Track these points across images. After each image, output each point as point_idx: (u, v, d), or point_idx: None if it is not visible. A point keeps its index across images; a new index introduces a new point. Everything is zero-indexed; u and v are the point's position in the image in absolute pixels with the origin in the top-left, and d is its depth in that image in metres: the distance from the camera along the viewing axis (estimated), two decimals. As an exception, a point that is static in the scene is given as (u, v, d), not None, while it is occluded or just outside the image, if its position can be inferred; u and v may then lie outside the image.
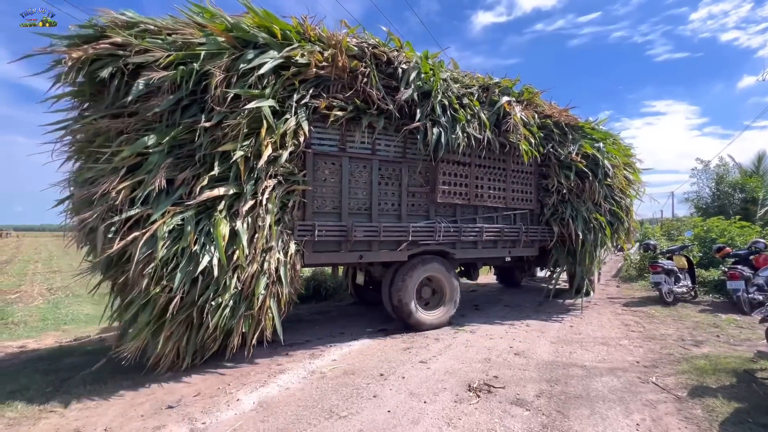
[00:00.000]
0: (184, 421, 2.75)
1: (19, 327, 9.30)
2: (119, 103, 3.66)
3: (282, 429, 2.64)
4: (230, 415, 2.86)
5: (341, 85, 4.46)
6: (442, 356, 4.15)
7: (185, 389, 3.34)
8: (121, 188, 3.36)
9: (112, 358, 4.39)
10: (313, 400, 3.08)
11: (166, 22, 3.88)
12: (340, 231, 4.60)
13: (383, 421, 2.72)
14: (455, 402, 3.03)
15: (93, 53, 3.50)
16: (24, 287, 14.13)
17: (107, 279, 3.80)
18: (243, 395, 3.19)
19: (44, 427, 2.67)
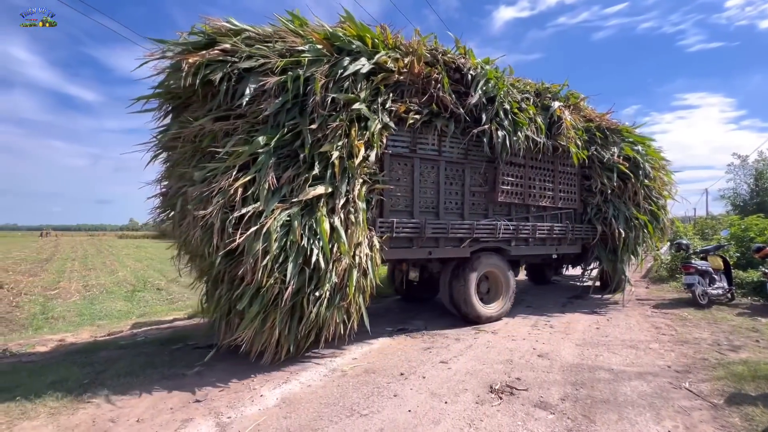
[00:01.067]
0: (211, 415, 2.84)
1: (58, 321, 9.84)
2: (226, 106, 3.93)
3: (304, 425, 2.68)
4: (254, 410, 2.93)
5: (414, 90, 4.80)
6: (463, 357, 4.11)
7: (212, 384, 3.44)
8: (237, 186, 3.58)
9: (142, 351, 4.59)
10: (334, 398, 3.12)
11: (266, 30, 4.19)
12: (414, 228, 4.90)
13: (404, 421, 2.73)
14: (477, 403, 3.00)
15: (206, 59, 3.78)
16: (62, 284, 14.93)
17: (211, 272, 3.97)
18: (266, 391, 3.26)
19: (82, 417, 2.82)
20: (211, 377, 3.61)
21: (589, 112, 6.91)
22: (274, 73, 3.85)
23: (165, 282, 15.24)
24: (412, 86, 4.76)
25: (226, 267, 3.70)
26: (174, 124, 4.21)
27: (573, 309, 6.64)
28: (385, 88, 4.50)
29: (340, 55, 4.26)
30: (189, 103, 4.31)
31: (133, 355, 4.38)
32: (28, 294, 13.01)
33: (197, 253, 4.06)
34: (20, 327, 9.30)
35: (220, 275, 3.87)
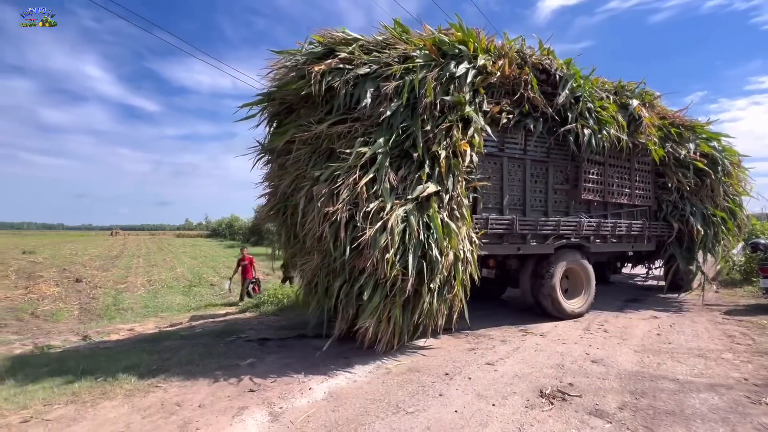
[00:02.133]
0: (264, 405, 2.99)
1: (127, 312, 10.82)
2: (342, 110, 4.29)
3: (351, 419, 2.75)
4: (304, 402, 3.04)
5: (504, 91, 4.99)
6: (510, 359, 3.99)
7: (264, 376, 3.61)
8: (362, 184, 3.86)
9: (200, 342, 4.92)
10: (379, 394, 3.16)
11: (375, 39, 4.62)
12: (506, 225, 5.11)
13: (450, 421, 2.70)
14: (526, 407, 2.90)
15: (329, 67, 4.17)
16: (130, 278, 16.37)
17: (330, 266, 4.20)
18: (314, 384, 3.38)
19: (152, 400, 3.08)
20: (263, 369, 3.80)
21: (662, 110, 6.93)
22: (390, 79, 4.18)
23: (218, 278, 16.21)
24: (502, 88, 4.95)
25: (346, 260, 3.91)
26: (290, 127, 4.61)
27: (630, 312, 6.22)
28: (482, 90, 4.74)
29: (444, 59, 4.55)
30: (293, 109, 4.79)
31: (192, 345, 4.71)
32: (102, 287, 14.42)
33: (314, 248, 4.29)
34: (97, 316, 10.34)
35: (339, 269, 4.09)
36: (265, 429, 2.63)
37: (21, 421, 2.70)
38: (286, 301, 7.81)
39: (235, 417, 2.78)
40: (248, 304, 8.85)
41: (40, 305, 11.13)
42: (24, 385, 3.36)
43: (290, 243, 4.94)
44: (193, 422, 2.70)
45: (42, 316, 10.11)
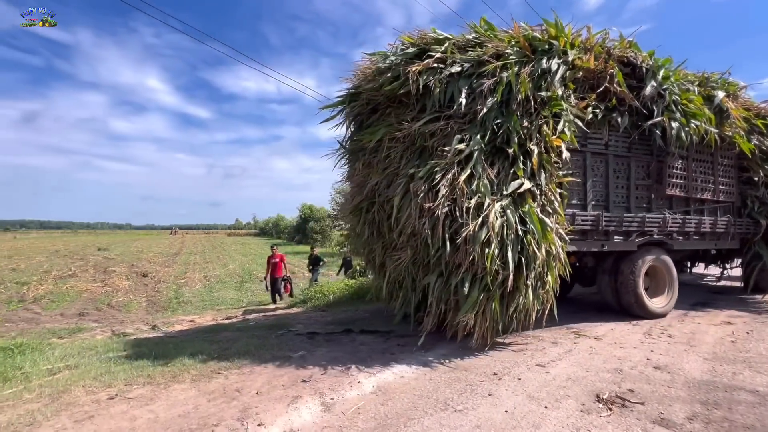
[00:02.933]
0: (316, 395, 3.12)
1: (187, 305, 11.69)
2: (435, 109, 4.43)
3: (400, 413, 2.79)
4: (353, 394, 3.14)
5: (588, 86, 4.99)
6: (562, 362, 3.84)
7: (314, 368, 3.77)
8: (461, 180, 3.98)
9: (254, 334, 5.21)
10: (427, 391, 3.18)
11: (466, 38, 4.75)
12: (592, 221, 5.11)
13: (501, 420, 2.66)
14: (582, 412, 2.78)
15: (425, 67, 4.35)
16: (188, 274, 17.64)
17: (425, 261, 4.35)
18: (363, 378, 3.46)
19: (215, 385, 3.33)
20: (313, 362, 3.96)
21: (747, 101, 6.66)
22: (485, 76, 4.28)
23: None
24: (586, 82, 4.95)
25: (444, 255, 4.00)
26: (381, 127, 4.80)
27: (699, 316, 5.71)
28: (572, 86, 4.77)
29: (535, 55, 4.62)
30: (377, 109, 5.06)
31: (247, 337, 5.01)
32: (165, 281, 15.68)
33: (406, 244, 4.46)
34: (161, 308, 11.28)
35: (433, 264, 4.23)
36: (318, 418, 2.75)
37: (108, 398, 3.04)
38: (332, 297, 8.05)
39: (290, 405, 2.93)
40: (296, 300, 9.23)
41: (114, 297, 12.35)
42: (108, 366, 3.77)
43: (374, 239, 5.12)
44: (252, 407, 2.88)
45: (116, 306, 11.23)
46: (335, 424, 2.65)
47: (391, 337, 4.84)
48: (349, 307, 7.45)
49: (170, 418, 2.72)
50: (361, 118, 5.32)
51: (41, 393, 3.14)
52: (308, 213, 40.01)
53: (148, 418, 2.72)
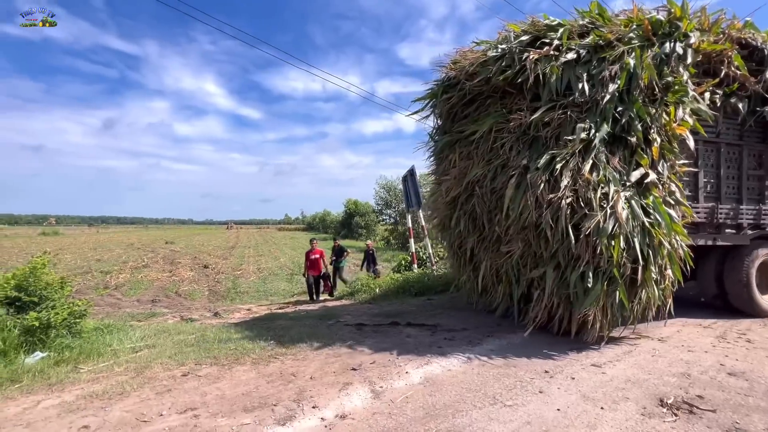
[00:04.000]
0: (366, 383, 3.24)
1: (244, 295, 12.48)
2: (550, 98, 4.34)
3: (448, 405, 2.83)
4: (402, 384, 3.22)
5: (702, 70, 4.74)
6: (621, 362, 3.64)
7: (363, 357, 3.91)
8: (587, 170, 3.92)
9: (305, 323, 5.47)
10: (475, 385, 3.18)
11: (578, 23, 4.65)
12: (706, 213, 4.98)
13: (553, 419, 2.60)
14: (642, 415, 2.64)
15: (542, 54, 4.35)
16: (244, 266, 18.78)
17: (543, 252, 4.30)
18: (411, 369, 3.54)
19: (273, 369, 3.58)
20: (362, 351, 4.10)
21: None
22: (605, 62, 4.17)
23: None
24: (701, 66, 4.69)
25: (566, 247, 3.98)
26: (487, 117, 4.79)
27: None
28: (692, 70, 4.49)
29: (656, 38, 4.41)
30: (475, 100, 5.06)
31: (299, 326, 5.29)
32: (223, 273, 16.83)
33: (516, 237, 4.43)
34: (221, 297, 12.15)
35: (548, 256, 4.22)
36: (368, 404, 2.87)
37: (182, 375, 3.39)
38: (378, 290, 8.21)
39: (341, 391, 3.08)
40: (343, 291, 9.51)
41: (181, 286, 13.51)
42: (180, 347, 4.19)
43: (469, 232, 5.13)
44: (307, 390, 3.07)
45: (182, 294, 12.29)
46: (385, 411, 2.74)
47: (437, 331, 4.87)
48: (395, 300, 7.56)
49: (235, 396, 2.98)
50: (456, 110, 5.28)
51: (127, 367, 3.58)
52: (353, 208, 40.84)
53: (216, 395, 3.00)
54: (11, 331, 3.80)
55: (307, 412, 2.72)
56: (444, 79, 5.29)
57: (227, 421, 2.58)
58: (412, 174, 9.79)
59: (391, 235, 29.75)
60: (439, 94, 5.31)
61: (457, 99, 5.11)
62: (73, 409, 2.77)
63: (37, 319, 3.87)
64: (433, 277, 8.25)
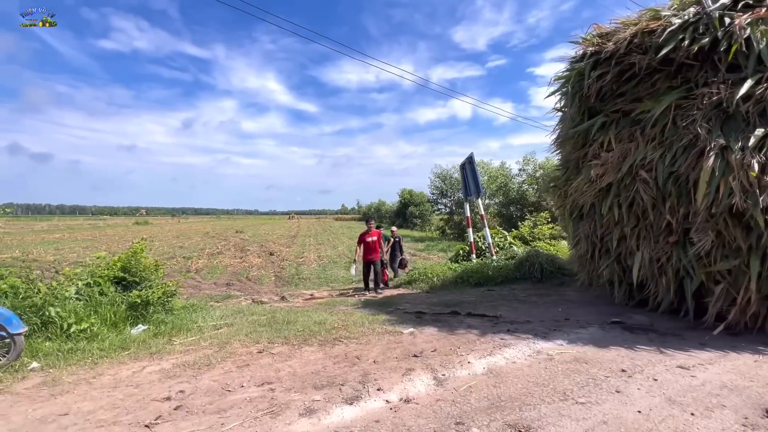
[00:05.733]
0: (428, 370, 3.27)
1: (306, 281, 13.15)
2: (755, 68, 4.00)
3: (514, 398, 2.75)
4: (464, 373, 3.20)
5: None
6: (714, 366, 3.25)
7: (424, 344, 3.94)
8: None
9: (366, 311, 5.63)
10: (542, 379, 3.05)
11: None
12: None
13: (633, 420, 2.42)
14: (744, 426, 2.34)
15: (756, 17, 3.99)
16: (305, 254, 19.77)
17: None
18: (473, 359, 3.49)
19: (338, 351, 3.76)
20: (422, 338, 4.14)
21: None
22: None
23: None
24: None
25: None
26: (667, 94, 4.43)
27: None
28: None
29: None
30: (635, 76, 4.68)
31: (361, 313, 5.47)
32: (287, 260, 17.87)
33: (703, 226, 4.13)
34: (286, 282, 12.94)
35: (747, 248, 3.92)
36: (431, 390, 2.89)
37: (257, 352, 3.70)
38: (436, 279, 8.18)
39: (404, 376, 3.14)
40: (401, 280, 9.62)
41: (250, 271, 14.62)
42: (254, 327, 4.57)
43: (626, 221, 4.82)
44: (371, 373, 3.18)
45: (252, 279, 13.29)
46: (448, 398, 2.75)
47: (499, 322, 4.74)
48: (453, 290, 7.49)
49: (305, 374, 3.18)
50: (605, 88, 4.93)
51: (212, 342, 3.99)
52: (408, 198, 40.89)
53: (288, 371, 3.23)
54: (120, 306, 4.42)
55: (373, 394, 2.82)
56: (590, 54, 4.98)
57: (300, 396, 2.77)
58: (471, 162, 9.50)
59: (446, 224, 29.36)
60: (588, 70, 4.95)
61: (614, 75, 4.75)
62: (171, 375, 3.16)
63: (139, 297, 4.45)
64: (493, 268, 8.01)
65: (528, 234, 11.10)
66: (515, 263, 7.84)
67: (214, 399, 2.74)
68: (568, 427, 2.37)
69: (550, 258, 7.69)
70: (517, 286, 7.18)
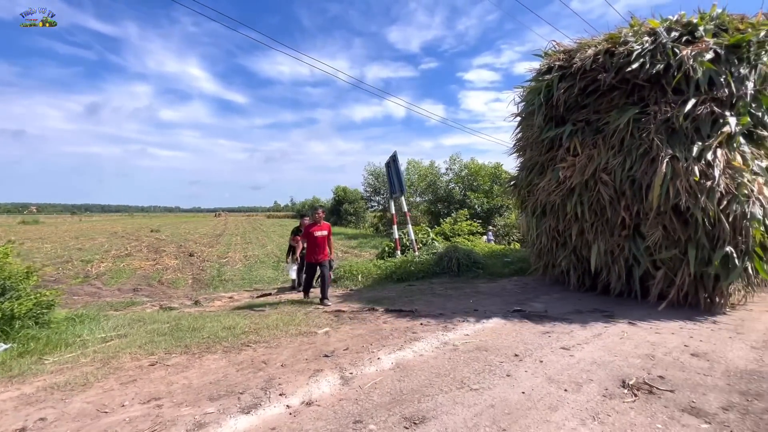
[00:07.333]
0: (336, 370, 3.24)
1: (228, 283, 12.38)
2: (695, 92, 4.84)
3: (416, 390, 2.84)
4: (372, 370, 3.23)
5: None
6: (590, 345, 3.71)
7: (337, 344, 3.91)
8: (738, 160, 4.57)
9: (284, 311, 5.42)
10: (445, 369, 3.20)
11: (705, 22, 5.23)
12: None
13: (516, 401, 2.64)
14: (604, 396, 2.69)
15: (702, 49, 4.85)
16: (230, 254, 18.61)
17: None
18: (383, 355, 3.55)
19: (244, 357, 3.56)
20: (336, 338, 4.10)
21: None
22: (742, 61, 4.78)
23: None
24: None
25: (703, 229, 4.57)
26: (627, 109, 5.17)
27: (752, 302, 5.25)
28: None
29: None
30: (597, 90, 5.44)
31: (278, 314, 5.26)
32: (209, 260, 16.66)
33: (653, 222, 4.91)
34: (205, 285, 12.04)
35: (685, 239, 4.75)
36: (336, 390, 2.87)
37: (149, 364, 3.34)
38: (361, 277, 8.21)
39: (311, 378, 3.07)
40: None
41: (164, 274, 13.34)
42: (152, 336, 4.13)
43: (585, 218, 5.49)
44: (276, 378, 3.05)
45: (166, 283, 12.14)
46: (351, 397, 2.75)
47: (415, 317, 4.89)
48: (377, 286, 7.58)
49: (202, 385, 2.95)
50: (571, 100, 5.62)
51: (95, 358, 3.51)
52: (342, 195, 40.63)
53: (183, 384, 2.97)
54: (-28, 323, 3.69)
55: (274, 400, 2.71)
56: (557, 67, 5.75)
57: (190, 411, 2.55)
58: (395, 160, 9.70)
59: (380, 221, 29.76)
60: (556, 83, 5.62)
61: (579, 89, 5.46)
62: (32, 401, 2.70)
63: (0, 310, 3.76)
64: (416, 264, 8.28)
65: (449, 230, 11.70)
66: (435, 258, 8.20)
67: (83, 424, 2.40)
68: (460, 413, 2.50)
69: (467, 253, 8.17)
70: (436, 280, 7.50)
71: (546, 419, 2.41)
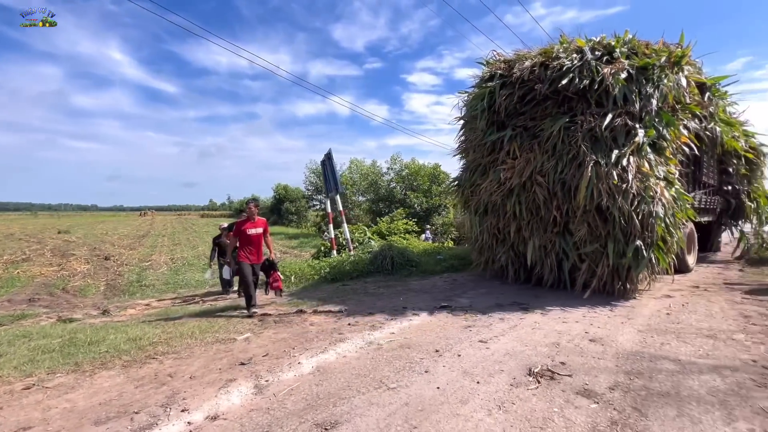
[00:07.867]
0: (252, 377, 3.06)
1: (149, 288, 11.30)
2: (613, 106, 5.57)
3: (332, 393, 2.77)
4: (290, 375, 3.10)
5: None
6: (505, 337, 3.92)
7: (257, 350, 3.70)
8: (646, 166, 5.33)
9: (205, 317, 5.05)
10: (366, 370, 3.17)
11: (625, 47, 6.02)
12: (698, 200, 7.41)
13: (430, 397, 2.68)
14: (511, 385, 2.85)
15: (619, 68, 5.60)
16: (154, 257, 17.05)
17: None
18: (304, 359, 3.42)
19: (147, 371, 3.21)
20: (257, 343, 3.89)
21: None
22: (649, 81, 5.53)
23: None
24: None
25: (619, 227, 5.37)
26: (559, 118, 5.74)
27: (641, 290, 5.97)
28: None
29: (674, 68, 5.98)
30: (533, 99, 6.01)
31: (197, 320, 4.87)
32: (128, 264, 15.09)
33: (580, 220, 5.57)
34: (120, 292, 10.86)
35: (604, 235, 5.50)
36: (247, 401, 2.69)
37: (23, 388, 2.87)
38: (294, 277, 7.95)
39: (221, 389, 2.86)
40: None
41: (71, 281, 11.78)
42: (34, 354, 3.57)
43: (523, 216, 5.98)
44: (180, 393, 2.79)
45: (72, 291, 10.72)
46: (263, 407, 2.59)
47: (342, 317, 4.82)
48: (310, 287, 7.39)
49: (88, 407, 2.60)
50: (511, 107, 6.11)
51: (-49, 385, 2.94)
52: (283, 193, 39.27)
53: (64, 408, 2.59)
54: None
55: (174, 417, 2.46)
56: (498, 75, 6.27)
57: (67, 439, 2.23)
58: (330, 158, 9.54)
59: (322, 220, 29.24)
60: (497, 90, 6.08)
61: (518, 97, 5.97)
62: None
63: None
64: (351, 263, 8.22)
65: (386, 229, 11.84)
66: (370, 257, 8.21)
67: None
68: (374, 415, 2.47)
69: (401, 251, 8.30)
70: (370, 279, 7.51)
71: (456, 413, 2.47)
